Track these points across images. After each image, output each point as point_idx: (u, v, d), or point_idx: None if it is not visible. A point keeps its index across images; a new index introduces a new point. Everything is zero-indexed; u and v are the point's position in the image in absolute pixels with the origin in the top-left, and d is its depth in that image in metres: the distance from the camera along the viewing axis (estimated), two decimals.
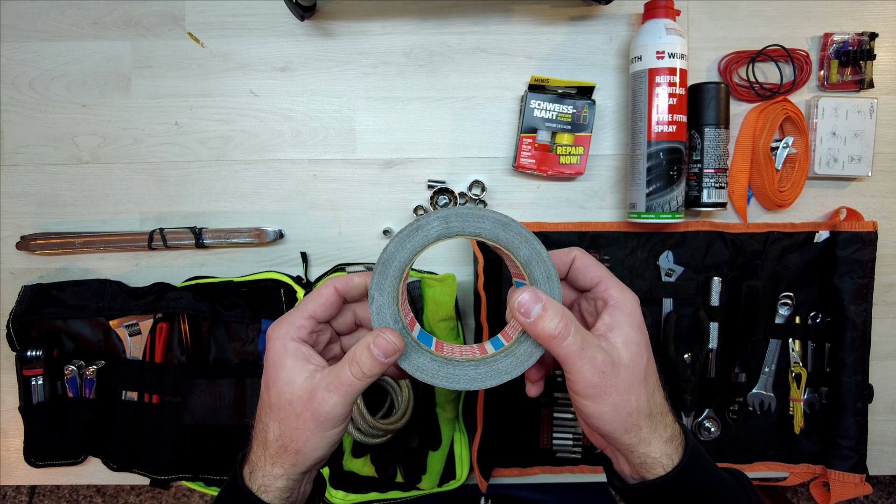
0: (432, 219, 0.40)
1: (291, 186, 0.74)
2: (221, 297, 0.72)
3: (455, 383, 0.41)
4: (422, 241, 0.40)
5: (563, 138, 0.70)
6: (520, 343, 0.42)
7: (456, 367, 0.41)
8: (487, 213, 0.41)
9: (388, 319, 0.41)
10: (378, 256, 0.41)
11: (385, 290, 0.41)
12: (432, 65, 0.73)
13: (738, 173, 0.72)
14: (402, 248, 0.40)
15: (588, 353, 0.39)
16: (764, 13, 0.73)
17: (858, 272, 0.69)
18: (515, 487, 0.79)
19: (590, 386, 0.39)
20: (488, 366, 0.41)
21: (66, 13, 0.73)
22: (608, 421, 0.40)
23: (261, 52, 0.73)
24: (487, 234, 0.41)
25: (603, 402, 0.39)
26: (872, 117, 0.71)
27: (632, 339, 0.41)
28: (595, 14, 0.73)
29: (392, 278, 0.41)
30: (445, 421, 0.70)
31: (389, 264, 0.41)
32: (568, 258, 0.45)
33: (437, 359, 0.41)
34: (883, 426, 0.75)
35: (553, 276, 0.42)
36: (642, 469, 0.41)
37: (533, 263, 0.42)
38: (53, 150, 0.74)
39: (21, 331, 0.70)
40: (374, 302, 0.41)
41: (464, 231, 0.41)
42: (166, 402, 0.71)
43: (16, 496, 1.56)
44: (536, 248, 0.42)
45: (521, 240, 0.42)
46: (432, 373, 0.41)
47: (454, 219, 0.40)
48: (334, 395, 0.39)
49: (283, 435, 0.40)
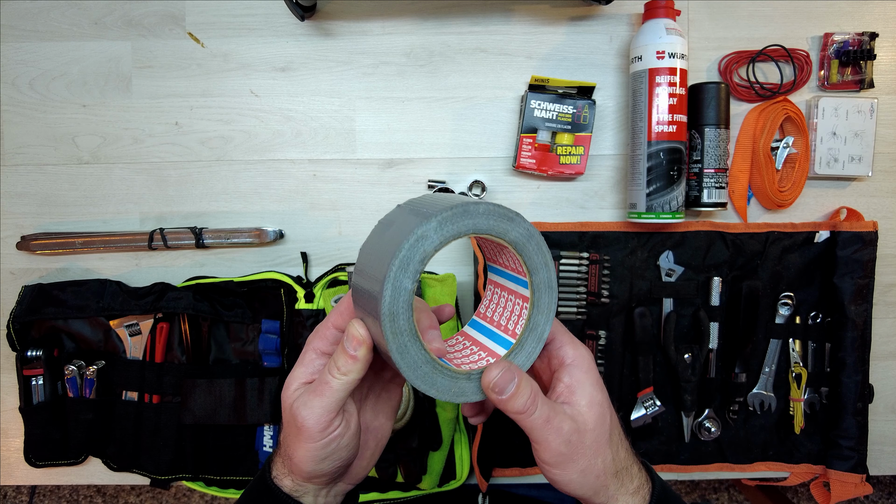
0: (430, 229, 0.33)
1: (291, 186, 0.74)
2: (222, 297, 0.72)
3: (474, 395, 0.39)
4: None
5: (564, 138, 0.70)
6: (522, 345, 0.40)
7: (470, 380, 0.39)
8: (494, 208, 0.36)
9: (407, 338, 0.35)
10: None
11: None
12: (432, 65, 0.73)
13: (739, 173, 0.72)
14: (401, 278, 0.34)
15: (554, 424, 0.38)
16: (764, 13, 0.73)
17: (859, 272, 0.69)
18: (514, 485, 0.79)
19: (557, 455, 0.39)
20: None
21: (66, 13, 0.73)
22: (578, 486, 0.40)
23: (261, 53, 0.73)
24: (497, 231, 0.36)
25: (571, 470, 0.39)
26: (873, 117, 0.71)
27: (595, 400, 0.41)
28: (595, 14, 0.73)
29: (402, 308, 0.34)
30: (446, 421, 0.70)
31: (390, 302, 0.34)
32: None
33: (456, 375, 0.38)
34: (883, 426, 0.75)
35: (550, 265, 0.39)
36: None
37: (534, 256, 0.38)
38: (54, 150, 0.74)
39: (21, 331, 0.70)
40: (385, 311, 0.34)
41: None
42: (166, 402, 0.71)
43: (16, 496, 1.56)
44: (536, 238, 0.38)
45: (524, 233, 0.38)
46: (450, 389, 0.38)
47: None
48: (313, 397, 0.37)
49: (283, 439, 0.40)
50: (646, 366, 0.72)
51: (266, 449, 0.72)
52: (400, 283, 0.33)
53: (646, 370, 0.72)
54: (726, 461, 0.74)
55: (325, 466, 0.39)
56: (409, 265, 0.33)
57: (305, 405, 0.37)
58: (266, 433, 0.72)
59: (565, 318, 0.72)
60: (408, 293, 0.34)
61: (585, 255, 0.72)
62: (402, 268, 0.33)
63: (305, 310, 0.69)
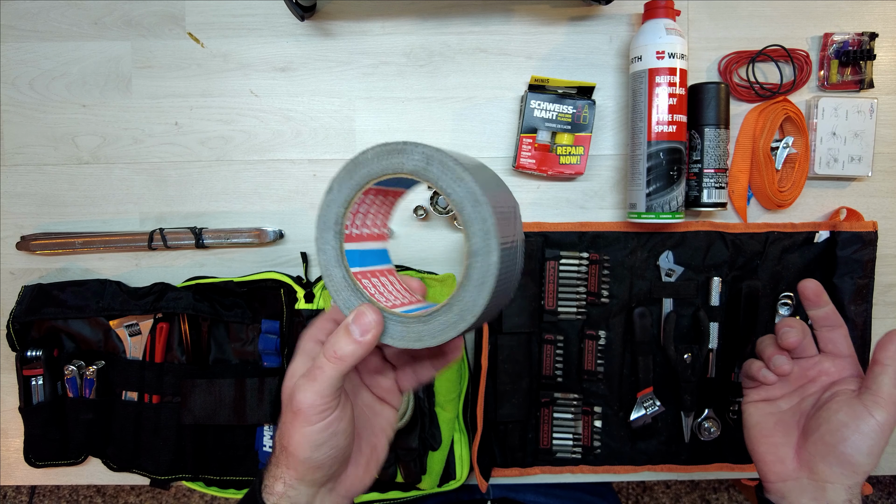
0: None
1: (291, 186, 0.74)
2: (221, 297, 0.72)
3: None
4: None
5: (563, 138, 0.70)
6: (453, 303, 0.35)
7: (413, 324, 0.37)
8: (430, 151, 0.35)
9: (331, 223, 0.38)
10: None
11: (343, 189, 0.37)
12: (432, 65, 0.73)
13: (739, 173, 0.72)
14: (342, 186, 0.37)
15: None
16: (764, 13, 0.73)
17: (858, 272, 0.69)
18: (520, 490, 0.79)
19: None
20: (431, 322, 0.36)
21: (66, 13, 0.73)
22: (875, 457, 0.46)
23: (261, 53, 0.73)
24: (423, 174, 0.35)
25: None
26: (872, 117, 0.71)
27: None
28: (595, 14, 0.73)
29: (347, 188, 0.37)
30: (445, 421, 0.70)
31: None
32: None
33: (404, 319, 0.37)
34: None
35: (466, 177, 0.33)
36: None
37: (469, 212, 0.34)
38: (53, 151, 0.74)
39: (21, 331, 0.70)
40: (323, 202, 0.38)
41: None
42: (166, 402, 0.71)
43: (16, 496, 1.56)
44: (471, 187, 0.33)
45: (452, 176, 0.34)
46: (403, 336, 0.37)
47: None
48: (308, 381, 0.37)
49: (280, 434, 0.40)
50: (646, 366, 0.72)
51: (266, 449, 0.72)
52: (326, 242, 0.38)
53: (646, 370, 0.72)
54: (726, 461, 0.74)
55: (321, 455, 0.39)
56: (329, 226, 0.38)
57: (301, 388, 0.37)
58: (266, 433, 0.72)
59: (565, 318, 0.72)
60: (336, 251, 0.38)
61: (585, 256, 0.72)
62: (324, 229, 0.38)
63: (305, 310, 0.69)
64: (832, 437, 0.48)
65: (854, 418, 0.47)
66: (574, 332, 0.73)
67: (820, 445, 0.48)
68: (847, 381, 0.51)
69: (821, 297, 0.52)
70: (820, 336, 0.53)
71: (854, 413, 0.47)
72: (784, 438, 0.51)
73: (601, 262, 0.72)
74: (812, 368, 0.53)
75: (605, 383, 0.73)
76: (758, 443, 0.53)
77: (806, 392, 0.53)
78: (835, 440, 0.47)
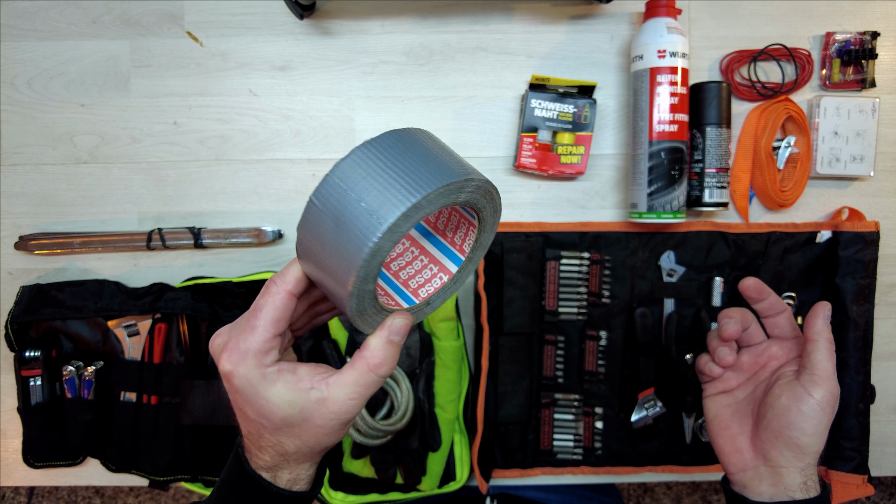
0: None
1: (291, 186, 0.74)
2: (220, 297, 0.71)
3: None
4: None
5: (564, 138, 0.70)
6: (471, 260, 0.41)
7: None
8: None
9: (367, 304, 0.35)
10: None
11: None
12: (432, 64, 0.73)
13: (740, 173, 0.72)
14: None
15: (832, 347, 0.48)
16: (766, 12, 0.72)
17: (860, 272, 0.69)
18: (520, 488, 0.79)
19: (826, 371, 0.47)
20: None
21: (64, 12, 0.73)
22: (821, 436, 0.47)
23: (260, 52, 0.73)
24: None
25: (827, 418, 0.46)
26: (874, 117, 0.71)
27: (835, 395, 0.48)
28: (596, 13, 0.73)
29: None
30: (445, 422, 0.70)
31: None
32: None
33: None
34: (885, 427, 0.75)
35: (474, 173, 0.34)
36: (790, 491, 0.46)
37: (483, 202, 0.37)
38: (52, 150, 0.74)
39: (19, 331, 0.70)
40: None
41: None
42: (165, 402, 0.71)
43: (14, 497, 1.56)
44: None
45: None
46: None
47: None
48: (356, 401, 0.37)
49: (304, 444, 0.38)
50: (647, 366, 0.72)
51: None
52: (364, 290, 0.34)
53: (647, 371, 0.72)
54: None
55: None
56: (369, 276, 0.33)
57: (349, 408, 0.37)
58: None
59: (566, 319, 0.72)
60: (371, 293, 0.35)
61: (586, 256, 0.71)
62: (364, 280, 0.33)
63: None
64: (777, 422, 0.47)
65: (795, 400, 0.47)
66: (575, 332, 0.72)
67: (768, 432, 0.48)
68: (791, 363, 0.51)
69: (762, 292, 0.52)
70: (766, 324, 0.53)
71: (795, 395, 0.47)
72: (740, 428, 0.51)
73: (602, 262, 0.71)
74: (762, 354, 0.53)
75: (606, 384, 0.73)
76: (717, 435, 0.52)
77: (759, 379, 0.53)
78: (780, 425, 0.47)
